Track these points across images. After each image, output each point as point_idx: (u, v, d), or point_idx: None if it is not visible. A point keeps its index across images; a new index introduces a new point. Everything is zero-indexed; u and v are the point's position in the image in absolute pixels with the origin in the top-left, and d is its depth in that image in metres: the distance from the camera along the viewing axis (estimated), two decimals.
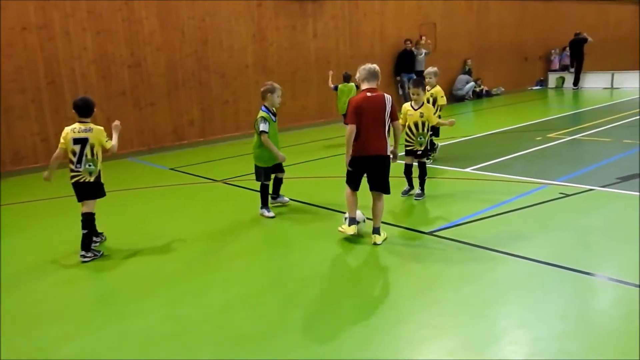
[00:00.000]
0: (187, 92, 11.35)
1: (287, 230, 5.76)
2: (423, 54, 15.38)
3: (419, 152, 6.44)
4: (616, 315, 3.65)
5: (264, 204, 6.15)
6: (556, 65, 20.65)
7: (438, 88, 8.05)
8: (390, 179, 5.15)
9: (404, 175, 6.62)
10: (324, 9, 13.43)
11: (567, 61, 20.30)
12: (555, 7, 20.61)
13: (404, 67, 15.11)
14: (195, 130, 11.58)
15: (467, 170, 7.79)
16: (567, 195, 6.16)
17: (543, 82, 20.61)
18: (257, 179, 6.18)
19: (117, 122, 5.27)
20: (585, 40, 19.18)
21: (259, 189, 6.22)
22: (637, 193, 6.13)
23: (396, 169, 6.36)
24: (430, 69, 8.27)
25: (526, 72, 20.00)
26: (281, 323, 3.70)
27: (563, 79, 20.18)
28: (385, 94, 5.11)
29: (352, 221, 5.14)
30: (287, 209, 6.44)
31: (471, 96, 17.18)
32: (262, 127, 6.01)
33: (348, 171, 5.13)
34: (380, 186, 5.13)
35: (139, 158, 10.03)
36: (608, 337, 3.35)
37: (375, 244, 5.02)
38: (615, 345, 3.26)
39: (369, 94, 5.03)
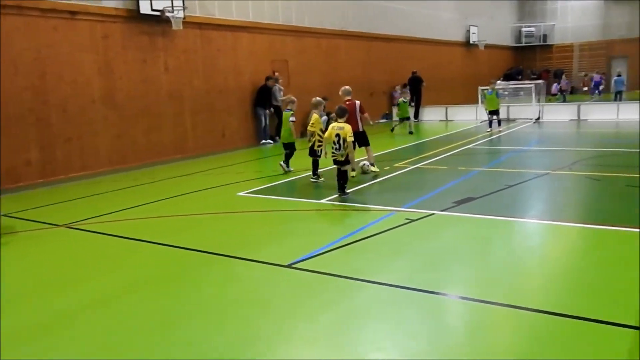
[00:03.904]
0: (22, 129, 10.34)
1: (149, 274, 5.43)
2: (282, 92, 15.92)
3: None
4: (462, 331, 3.95)
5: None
6: (398, 100, 22.41)
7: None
8: None
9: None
10: (175, 43, 13.22)
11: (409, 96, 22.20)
12: (396, 47, 22.54)
13: (261, 101, 15.41)
14: (34, 171, 10.56)
15: (322, 201, 8.06)
16: (412, 221, 6.63)
17: (388, 116, 22.26)
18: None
19: None
20: (421, 80, 21.33)
21: (112, 233, 5.78)
22: (471, 215, 6.82)
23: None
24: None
25: (373, 106, 21.38)
26: None
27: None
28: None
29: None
30: (149, 251, 6.12)
31: (323, 129, 17.89)
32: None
33: None
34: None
35: None
36: (455, 351, 3.61)
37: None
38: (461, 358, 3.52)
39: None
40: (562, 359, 3.39)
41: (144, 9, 12.13)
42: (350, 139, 8.07)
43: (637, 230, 5.86)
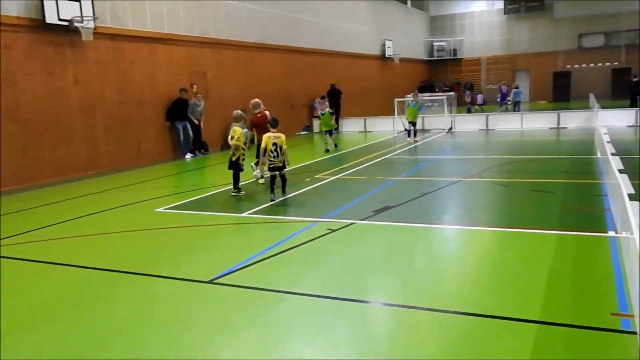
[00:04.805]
0: None
1: (58, 299, 5.10)
2: (202, 106, 15.65)
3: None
4: (385, 336, 4.05)
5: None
6: (318, 112, 22.73)
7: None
8: None
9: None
10: (85, 54, 12.66)
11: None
12: (315, 60, 22.89)
13: (179, 115, 15.07)
14: None
15: (243, 214, 7.99)
16: (333, 231, 6.72)
17: (309, 128, 22.50)
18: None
19: None
20: (340, 92, 21.80)
21: (16, 256, 5.40)
22: (390, 223, 7.02)
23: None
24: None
25: (293, 119, 21.60)
26: None
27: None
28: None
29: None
30: (58, 275, 5.76)
31: (246, 142, 17.76)
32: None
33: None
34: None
35: None
36: (379, 356, 3.68)
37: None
38: None
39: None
40: (478, 357, 3.56)
41: (50, 18, 11.51)
42: (286, 146, 8.82)
43: (542, 232, 6.30)
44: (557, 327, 3.91)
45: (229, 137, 9.59)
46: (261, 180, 10.48)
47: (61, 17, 11.67)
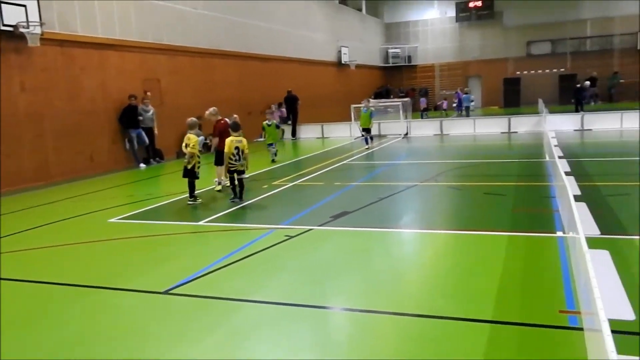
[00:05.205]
0: None
1: (4, 317, 4.90)
2: (151, 112, 15.27)
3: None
4: (345, 340, 4.06)
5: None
6: (276, 118, 22.69)
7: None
8: None
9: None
10: (32, 61, 12.24)
11: (285, 114, 22.61)
12: (272, 67, 22.85)
13: (131, 122, 14.72)
14: None
15: (200, 223, 7.88)
16: (291, 237, 6.71)
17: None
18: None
19: None
20: (297, 98, 21.85)
21: None
22: (348, 228, 7.06)
23: None
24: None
25: (251, 126, 21.42)
26: None
27: (283, 131, 22.25)
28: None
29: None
30: (4, 291, 5.53)
31: (202, 150, 17.53)
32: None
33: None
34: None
35: None
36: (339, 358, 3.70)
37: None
38: None
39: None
40: (436, 357, 3.62)
41: None
42: (248, 150, 9.02)
43: (494, 233, 6.48)
44: (509, 325, 4.02)
45: (184, 144, 9.42)
46: (218, 187, 10.40)
47: (5, 22, 11.25)
